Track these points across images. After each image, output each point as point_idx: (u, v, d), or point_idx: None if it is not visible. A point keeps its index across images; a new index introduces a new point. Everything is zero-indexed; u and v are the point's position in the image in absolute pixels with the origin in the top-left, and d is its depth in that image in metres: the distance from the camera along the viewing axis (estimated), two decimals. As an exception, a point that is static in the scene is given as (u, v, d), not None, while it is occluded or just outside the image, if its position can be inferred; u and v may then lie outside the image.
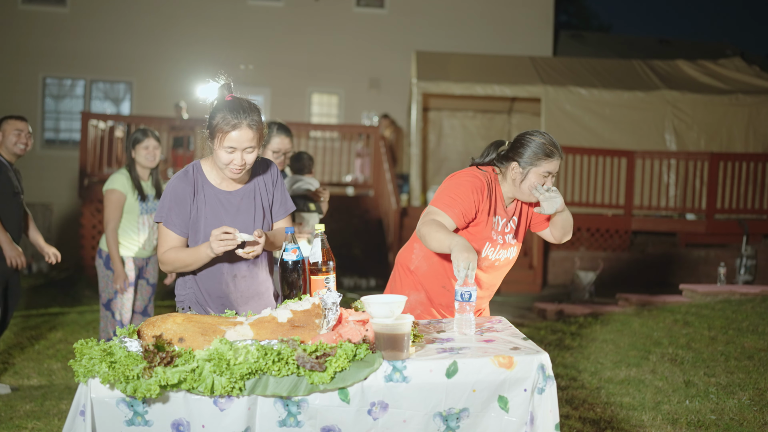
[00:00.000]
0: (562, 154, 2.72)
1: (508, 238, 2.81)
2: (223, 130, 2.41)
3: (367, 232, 10.37)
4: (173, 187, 2.54)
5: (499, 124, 13.33)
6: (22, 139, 4.41)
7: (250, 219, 2.60)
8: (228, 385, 1.90)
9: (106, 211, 4.40)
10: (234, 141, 2.41)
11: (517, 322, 6.34)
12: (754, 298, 6.74)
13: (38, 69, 13.97)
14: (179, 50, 14.17)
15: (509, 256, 2.83)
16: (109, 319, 4.48)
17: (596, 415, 3.97)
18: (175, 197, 2.53)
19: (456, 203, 2.64)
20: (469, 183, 2.69)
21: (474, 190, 2.67)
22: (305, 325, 2.14)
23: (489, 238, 2.73)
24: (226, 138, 2.41)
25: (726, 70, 11.67)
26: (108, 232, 4.39)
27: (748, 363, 4.84)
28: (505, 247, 2.80)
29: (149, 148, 4.46)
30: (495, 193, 2.75)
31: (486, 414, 2.05)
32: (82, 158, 9.86)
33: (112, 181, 4.44)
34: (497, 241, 2.76)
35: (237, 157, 2.43)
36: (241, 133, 2.41)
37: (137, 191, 4.44)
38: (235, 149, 2.42)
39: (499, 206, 2.77)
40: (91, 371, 1.91)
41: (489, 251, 2.75)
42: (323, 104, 14.98)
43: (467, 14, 14.68)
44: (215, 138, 2.44)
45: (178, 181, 2.55)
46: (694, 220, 10.09)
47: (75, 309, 7.44)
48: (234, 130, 2.41)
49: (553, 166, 2.69)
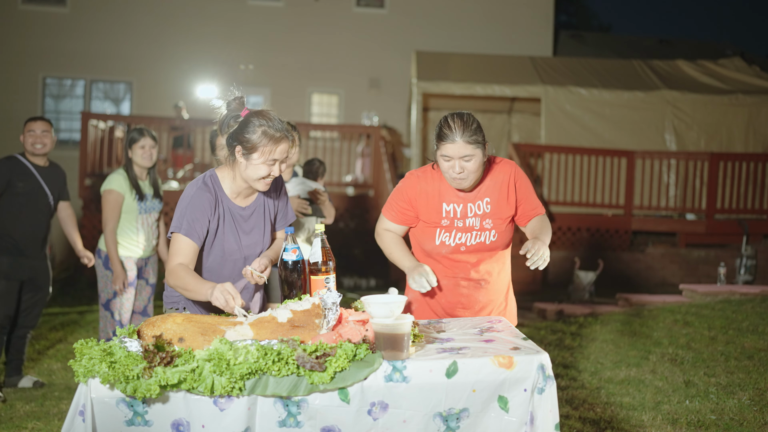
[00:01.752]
0: (464, 136, 2.53)
1: (474, 221, 2.72)
2: (267, 144, 2.43)
3: (367, 232, 10.37)
4: (197, 198, 2.48)
5: (499, 124, 13.34)
6: (36, 139, 4.46)
7: (260, 235, 2.63)
8: (228, 385, 1.90)
9: (105, 212, 4.40)
10: (278, 154, 2.45)
11: (517, 322, 6.33)
12: (754, 298, 6.74)
13: (38, 69, 13.98)
14: (179, 50, 14.17)
15: (483, 240, 2.74)
16: (108, 320, 4.48)
17: (596, 415, 3.97)
18: (200, 208, 2.48)
19: (391, 206, 2.82)
20: (401, 184, 2.81)
21: (406, 188, 2.77)
22: (305, 325, 2.14)
23: (438, 225, 2.74)
24: (273, 152, 2.44)
25: (726, 70, 11.66)
26: (107, 233, 4.39)
27: (748, 363, 4.84)
28: (469, 231, 2.72)
29: (146, 147, 4.44)
30: (437, 182, 2.73)
31: (486, 414, 2.05)
32: (82, 158, 9.86)
33: (109, 182, 4.43)
34: (454, 226, 2.72)
35: (276, 169, 2.48)
36: (285, 145, 2.47)
37: (135, 191, 4.43)
38: (276, 161, 2.47)
39: (449, 193, 2.72)
40: (91, 371, 1.91)
41: (444, 237, 2.74)
42: (323, 104, 14.98)
43: (467, 14, 14.68)
44: (256, 152, 2.43)
45: (200, 191, 2.50)
46: (694, 220, 10.09)
47: (75, 309, 7.44)
48: (279, 144, 2.45)
49: (449, 149, 2.54)
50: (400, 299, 2.24)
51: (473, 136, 2.54)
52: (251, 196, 2.62)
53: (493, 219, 2.74)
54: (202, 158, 11.14)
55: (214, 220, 2.52)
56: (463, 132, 2.53)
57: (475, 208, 2.72)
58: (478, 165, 2.59)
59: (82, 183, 9.79)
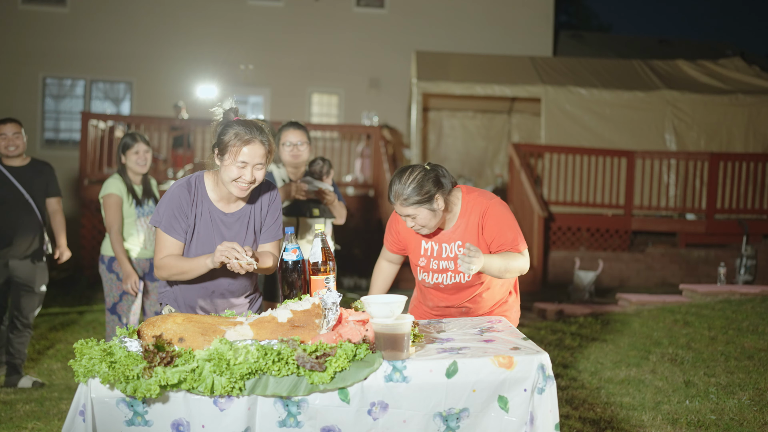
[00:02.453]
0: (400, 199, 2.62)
1: (448, 264, 2.77)
2: (236, 145, 2.45)
3: (367, 232, 10.37)
4: (176, 196, 2.56)
5: (499, 124, 13.34)
6: (8, 142, 4.46)
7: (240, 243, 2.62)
8: (228, 385, 1.90)
9: (107, 216, 4.39)
10: (246, 156, 2.46)
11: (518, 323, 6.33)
12: (754, 298, 6.74)
13: (38, 69, 13.97)
14: (179, 50, 14.16)
15: (459, 281, 2.77)
16: (114, 324, 4.45)
17: (596, 415, 3.97)
18: (178, 206, 2.55)
19: (386, 239, 2.97)
20: (392, 216, 2.92)
21: (393, 222, 2.90)
22: (305, 325, 2.14)
23: (417, 264, 2.85)
24: (240, 153, 2.45)
25: (726, 70, 11.66)
26: (112, 236, 4.37)
27: (748, 363, 4.84)
28: (444, 272, 2.78)
29: (139, 152, 4.42)
30: None
31: (486, 414, 2.05)
32: (82, 158, 9.86)
33: (107, 186, 4.43)
34: (429, 267, 2.80)
35: (247, 172, 2.47)
36: (254, 148, 2.46)
37: (131, 195, 4.43)
38: (247, 164, 2.46)
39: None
40: (91, 371, 1.91)
41: (423, 275, 2.85)
42: (323, 104, 14.97)
43: (467, 14, 14.67)
44: (226, 153, 2.47)
45: (179, 189, 2.57)
46: (694, 220, 10.08)
47: (75, 309, 7.44)
48: (247, 145, 2.46)
49: (398, 209, 2.66)
50: (400, 299, 2.24)
51: (408, 200, 2.61)
52: (237, 203, 2.64)
53: None
54: (202, 158, 11.13)
55: (191, 218, 2.56)
56: (398, 197, 2.64)
57: (448, 250, 2.77)
58: (429, 217, 2.65)
59: (82, 183, 9.79)
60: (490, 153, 13.40)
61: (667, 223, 10.15)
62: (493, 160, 13.37)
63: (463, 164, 13.30)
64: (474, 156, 13.37)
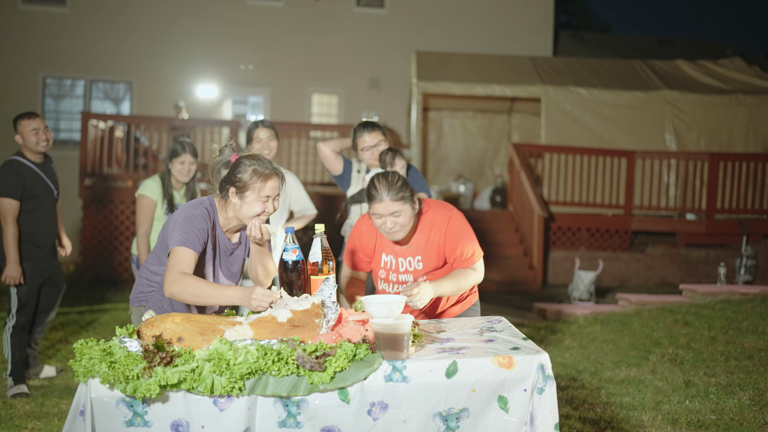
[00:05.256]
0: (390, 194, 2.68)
1: (407, 277, 2.85)
2: (257, 182, 2.53)
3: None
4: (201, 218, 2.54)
5: (499, 124, 13.34)
6: (41, 135, 4.41)
7: (239, 267, 2.77)
8: (228, 385, 1.90)
9: (137, 216, 4.43)
10: (269, 190, 2.54)
11: (517, 322, 6.33)
12: (754, 298, 6.74)
13: (38, 69, 13.97)
14: (179, 50, 14.16)
15: None
16: None
17: (596, 415, 3.97)
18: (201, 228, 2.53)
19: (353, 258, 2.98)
20: (354, 230, 2.97)
21: (357, 237, 2.93)
22: (305, 324, 2.14)
23: (377, 276, 2.91)
24: (263, 188, 2.52)
25: (726, 70, 11.66)
26: (138, 237, 4.40)
27: (748, 363, 4.84)
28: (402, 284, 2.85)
29: (185, 163, 4.44)
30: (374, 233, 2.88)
31: (486, 414, 2.05)
32: (82, 158, 9.85)
33: (143, 187, 4.46)
34: (389, 279, 2.87)
35: (270, 205, 2.56)
36: (274, 181, 2.57)
37: (166, 201, 4.43)
38: (269, 198, 2.56)
39: (386, 245, 2.86)
40: (91, 371, 1.91)
41: (384, 286, 2.91)
42: (323, 104, 14.96)
43: (467, 14, 14.67)
44: (248, 190, 2.53)
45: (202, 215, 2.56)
46: (694, 220, 10.08)
47: (75, 309, 7.43)
48: (268, 180, 2.54)
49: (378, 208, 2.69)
50: (400, 299, 2.24)
51: (399, 194, 2.68)
52: (237, 232, 2.73)
53: (426, 274, 2.84)
54: (202, 158, 11.12)
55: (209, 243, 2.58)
56: (389, 191, 2.67)
57: (407, 264, 2.83)
58: (409, 218, 2.72)
59: (82, 183, 9.78)
60: (490, 153, 13.40)
61: (667, 223, 10.15)
62: (493, 160, 13.37)
63: (463, 164, 13.30)
64: (474, 156, 13.37)
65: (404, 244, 2.83)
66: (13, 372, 4.43)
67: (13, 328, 4.43)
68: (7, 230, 4.29)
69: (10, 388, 4.46)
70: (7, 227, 4.29)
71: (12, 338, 4.42)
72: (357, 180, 4.13)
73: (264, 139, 4.27)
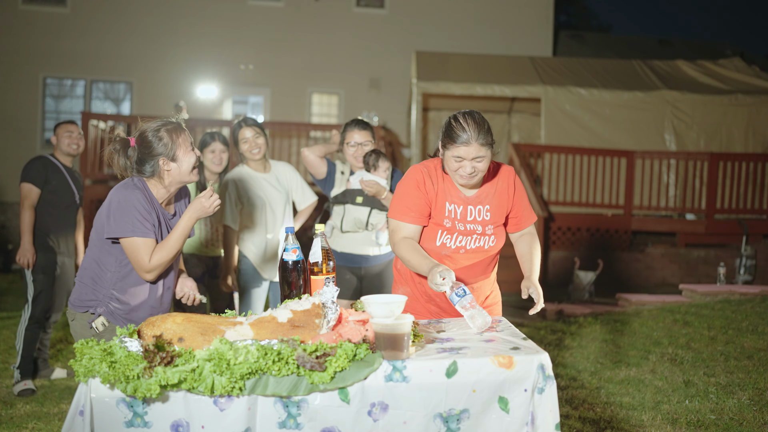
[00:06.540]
0: (479, 138, 2.50)
1: (476, 227, 2.69)
2: (178, 137, 2.61)
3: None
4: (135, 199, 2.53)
5: (499, 124, 13.34)
6: (73, 139, 4.71)
7: None
8: (228, 385, 1.90)
9: None
10: (188, 136, 2.66)
11: (517, 322, 6.34)
12: (754, 298, 6.75)
13: (38, 69, 13.97)
14: (179, 50, 14.17)
15: (482, 245, 2.72)
16: None
17: (596, 415, 3.98)
18: (147, 213, 2.55)
19: (409, 209, 2.66)
20: (410, 181, 2.69)
21: (416, 185, 2.66)
22: (305, 324, 2.14)
23: (441, 226, 2.68)
24: (185, 136, 2.64)
25: (726, 70, 11.66)
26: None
27: (748, 363, 4.84)
28: (470, 234, 2.69)
29: (216, 152, 4.37)
30: (441, 180, 2.69)
31: (487, 416, 2.05)
32: (82, 158, 9.86)
33: None
34: (456, 228, 2.68)
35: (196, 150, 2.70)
36: (181, 128, 2.65)
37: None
38: (192, 143, 2.68)
39: (451, 193, 2.69)
40: (92, 371, 1.91)
41: (446, 239, 2.69)
42: (323, 104, 14.97)
43: (467, 14, 14.67)
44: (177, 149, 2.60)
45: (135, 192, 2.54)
46: (693, 220, 10.09)
47: (75, 309, 7.44)
48: (180, 130, 2.64)
49: (462, 151, 2.51)
50: (400, 299, 2.24)
51: (486, 137, 2.53)
52: (172, 203, 2.75)
53: (493, 225, 2.73)
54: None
55: (154, 220, 2.59)
56: (479, 134, 2.51)
57: (476, 212, 2.70)
58: (487, 165, 2.58)
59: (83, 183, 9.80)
60: (489, 153, 13.40)
61: (666, 223, 10.16)
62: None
63: (462, 164, 13.29)
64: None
65: (471, 193, 2.69)
66: (21, 365, 4.55)
67: (28, 321, 4.56)
68: (24, 214, 4.52)
69: (17, 382, 4.54)
70: (24, 212, 4.52)
71: (26, 332, 4.56)
72: (341, 181, 4.11)
73: (250, 138, 4.18)
